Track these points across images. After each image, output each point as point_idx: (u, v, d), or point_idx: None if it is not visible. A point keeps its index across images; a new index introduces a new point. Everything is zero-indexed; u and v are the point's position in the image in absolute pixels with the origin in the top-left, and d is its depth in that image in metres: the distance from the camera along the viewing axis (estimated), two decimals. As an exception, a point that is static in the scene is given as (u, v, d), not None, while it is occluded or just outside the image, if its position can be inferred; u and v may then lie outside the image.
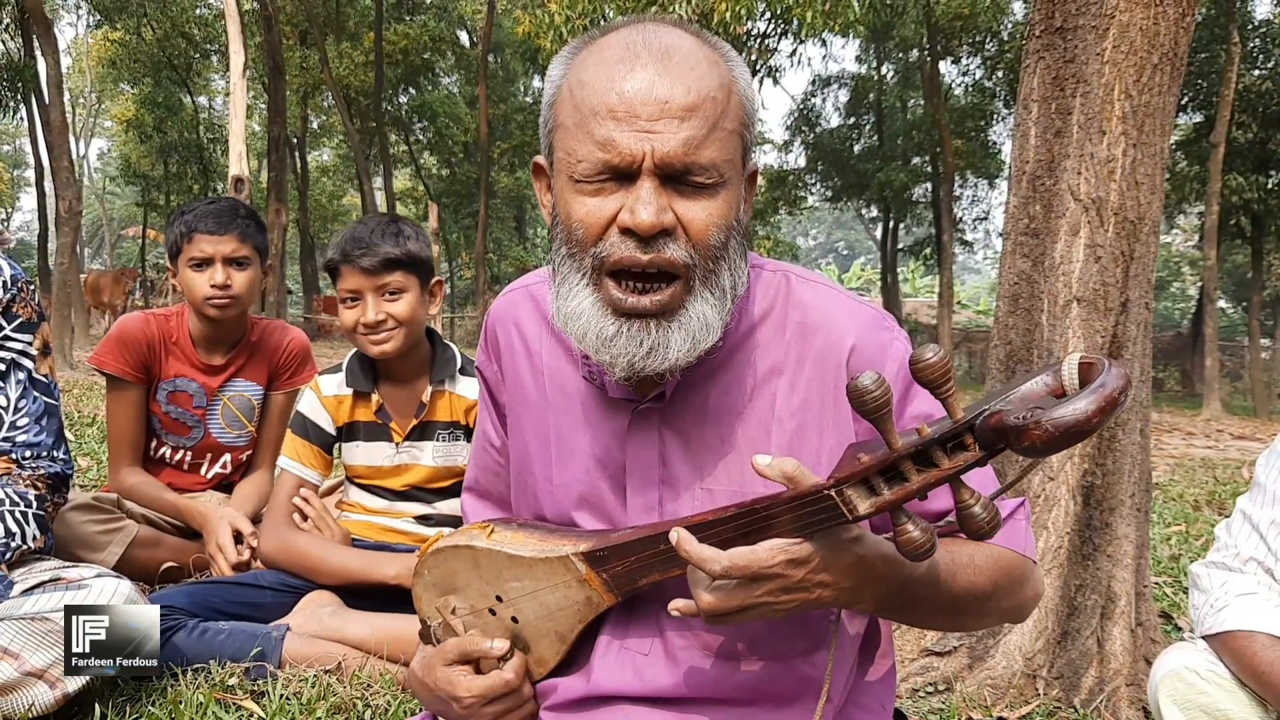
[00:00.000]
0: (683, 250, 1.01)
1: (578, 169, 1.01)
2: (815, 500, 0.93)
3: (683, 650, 1.14)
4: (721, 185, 1.02)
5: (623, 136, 0.98)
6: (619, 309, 1.02)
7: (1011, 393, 0.90)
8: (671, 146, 0.98)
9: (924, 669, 2.36)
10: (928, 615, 1.11)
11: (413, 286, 2.35)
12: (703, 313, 1.03)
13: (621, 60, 1.01)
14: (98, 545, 2.56)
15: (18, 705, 1.75)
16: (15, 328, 2.01)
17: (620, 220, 1.00)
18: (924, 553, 0.90)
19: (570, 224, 1.04)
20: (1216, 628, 1.78)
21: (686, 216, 1.01)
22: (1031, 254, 2.39)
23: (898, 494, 0.90)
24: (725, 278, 1.05)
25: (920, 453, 0.89)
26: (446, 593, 1.24)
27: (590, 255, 1.03)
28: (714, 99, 1.00)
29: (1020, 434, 0.81)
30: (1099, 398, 0.81)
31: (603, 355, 1.04)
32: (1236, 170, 18.19)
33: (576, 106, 1.02)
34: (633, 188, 0.99)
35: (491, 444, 1.35)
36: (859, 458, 0.92)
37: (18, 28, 19.60)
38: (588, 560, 1.11)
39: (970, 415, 0.87)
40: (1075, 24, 2.30)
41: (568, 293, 1.05)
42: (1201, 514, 5.21)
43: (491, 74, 29.10)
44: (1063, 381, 0.91)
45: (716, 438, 1.14)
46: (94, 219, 50.96)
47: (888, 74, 28.97)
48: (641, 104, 0.98)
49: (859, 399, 0.86)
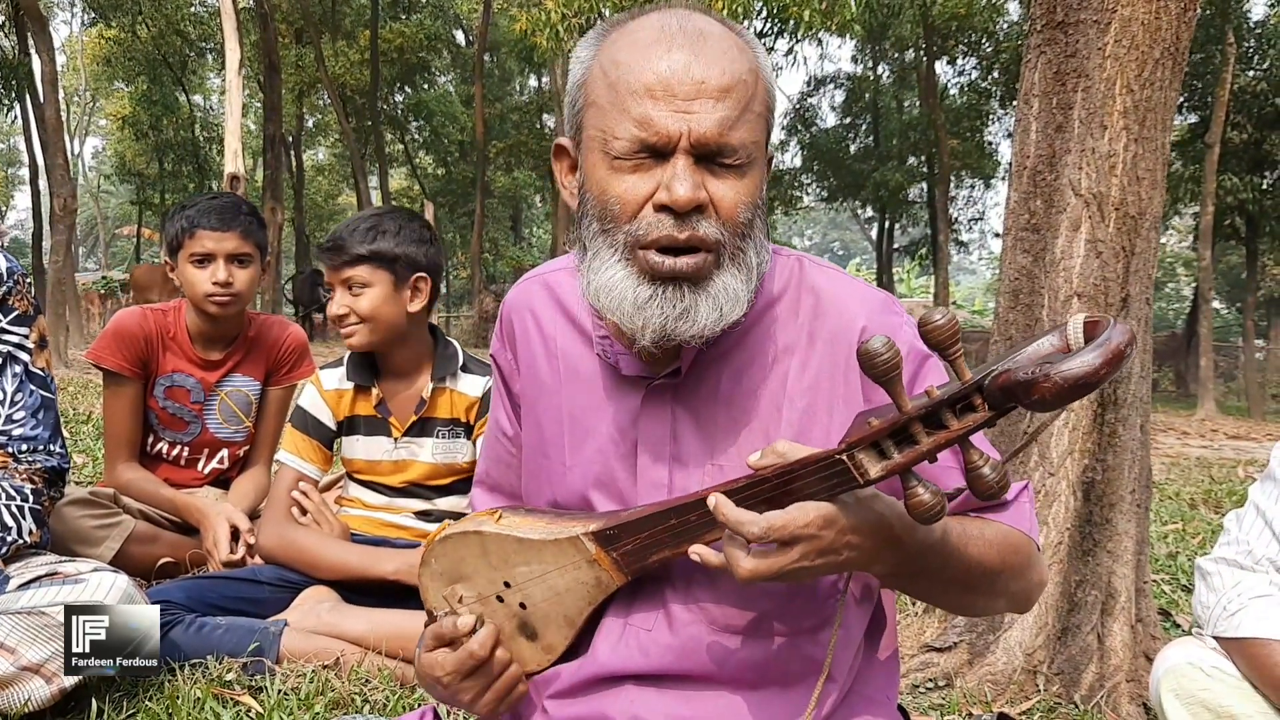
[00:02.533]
0: (714, 228, 1.03)
1: (614, 146, 1.03)
2: (827, 465, 0.94)
3: (687, 625, 1.14)
4: (749, 166, 1.05)
5: (660, 115, 1.00)
6: (656, 273, 1.04)
7: (1019, 353, 0.92)
8: (707, 126, 1.00)
9: (924, 664, 2.35)
10: (938, 587, 1.12)
11: (380, 282, 2.34)
12: (731, 285, 1.05)
13: (658, 41, 1.03)
14: (94, 540, 2.55)
15: (14, 700, 1.74)
16: (11, 320, 2.00)
17: (657, 198, 1.02)
18: (934, 514, 0.91)
19: (605, 200, 1.05)
20: (1231, 631, 1.76)
21: (718, 195, 1.03)
22: (1032, 249, 2.39)
23: (908, 456, 0.91)
24: (751, 255, 1.07)
25: (930, 415, 0.90)
26: (454, 581, 1.23)
27: (624, 232, 1.04)
28: (745, 82, 1.03)
29: (1029, 388, 0.83)
30: (1106, 350, 0.82)
31: (636, 320, 1.05)
32: (1231, 171, 18.24)
33: (612, 85, 1.04)
34: (667, 165, 1.02)
35: (504, 434, 1.36)
36: (869, 422, 0.93)
37: (12, 25, 19.53)
38: (598, 540, 1.12)
39: (979, 376, 0.88)
40: (1077, 18, 2.29)
41: (600, 266, 1.07)
42: (1198, 512, 5.22)
43: (488, 73, 29.08)
44: (1068, 340, 0.92)
45: (728, 415, 1.15)
46: (89, 217, 50.82)
47: (883, 74, 29.02)
48: (679, 83, 1.00)
49: (869, 361, 0.87)
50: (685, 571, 1.14)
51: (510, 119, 30.38)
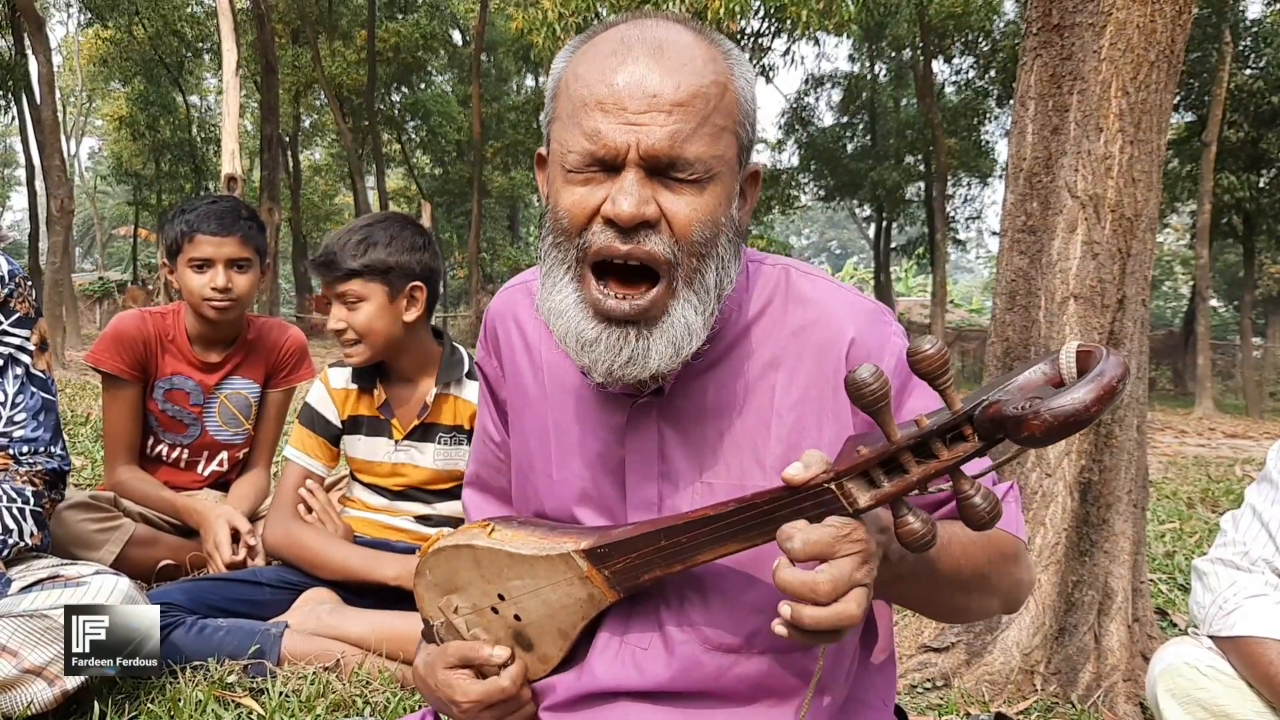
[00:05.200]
0: (665, 245, 1.01)
1: (568, 159, 1.02)
2: (815, 493, 0.94)
3: (683, 645, 1.13)
4: (709, 181, 1.02)
5: (609, 128, 0.99)
6: (598, 309, 1.03)
7: (1009, 383, 0.90)
8: (657, 139, 0.98)
9: (922, 665, 2.36)
10: (924, 590, 1.11)
11: (374, 295, 2.31)
12: (685, 317, 1.03)
13: (615, 54, 1.02)
14: (95, 544, 2.56)
15: (17, 703, 1.75)
16: (13, 323, 2.01)
17: (603, 210, 1.01)
18: (925, 543, 0.90)
19: (557, 213, 1.05)
20: (1226, 631, 1.77)
21: (671, 210, 1.01)
22: (1029, 251, 2.40)
23: (898, 486, 0.90)
24: (710, 277, 1.04)
25: (919, 444, 0.89)
26: (449, 592, 1.23)
27: (574, 246, 1.03)
28: (705, 95, 1.01)
29: (1019, 424, 0.81)
30: (1098, 386, 0.80)
31: (582, 358, 1.05)
32: (1228, 169, 18.28)
33: (570, 98, 1.04)
34: (618, 179, 1.00)
35: (492, 439, 1.35)
36: (858, 450, 0.92)
37: (9, 25, 19.50)
38: (589, 557, 1.11)
39: (969, 406, 0.87)
40: (1073, 21, 2.30)
41: (552, 285, 1.06)
42: (1195, 512, 5.23)
43: (485, 72, 29.05)
44: (1060, 371, 0.91)
45: (716, 432, 1.14)
46: (85, 218, 50.73)
47: (881, 73, 29.02)
48: (629, 97, 0.99)
49: (857, 392, 0.86)
50: (679, 591, 1.13)
51: (507, 119, 30.34)
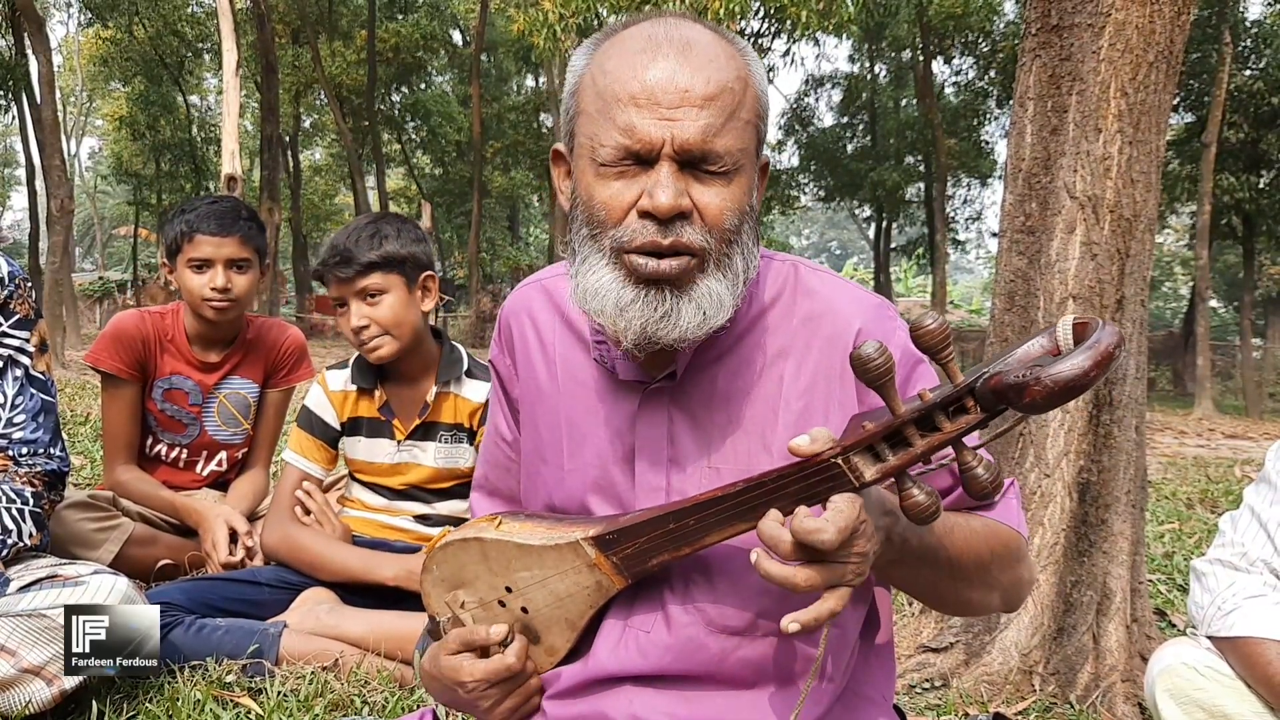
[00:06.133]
0: (698, 234, 1.05)
1: (600, 153, 1.05)
2: (822, 469, 0.95)
3: (686, 628, 1.15)
4: (736, 172, 1.06)
5: (644, 123, 1.02)
6: (639, 275, 1.05)
7: (1009, 355, 0.93)
8: (690, 133, 1.02)
9: (920, 665, 2.36)
10: (927, 576, 1.12)
11: (394, 286, 2.32)
12: (715, 290, 1.07)
13: (645, 50, 1.05)
14: (93, 543, 2.56)
15: (15, 702, 1.75)
16: (13, 324, 2.01)
17: (640, 204, 1.04)
18: (929, 515, 0.92)
19: (592, 206, 1.07)
20: (1225, 631, 1.78)
21: (702, 201, 1.05)
22: (1027, 251, 2.40)
23: (902, 459, 0.93)
24: (738, 261, 1.09)
25: (923, 418, 0.92)
26: (455, 587, 1.24)
27: (610, 237, 1.06)
28: (731, 90, 1.05)
29: (1020, 391, 0.84)
30: (1095, 352, 0.84)
31: (619, 321, 1.07)
32: (1228, 170, 18.28)
33: (600, 94, 1.06)
34: (652, 172, 1.04)
35: (503, 438, 1.37)
36: (863, 425, 0.94)
37: (9, 25, 19.51)
38: (597, 544, 1.12)
39: (970, 378, 0.90)
40: (1071, 22, 2.30)
41: (588, 270, 1.09)
42: (1194, 512, 5.23)
43: (485, 73, 29.09)
44: (1058, 341, 0.94)
45: (725, 418, 1.16)
46: (85, 218, 50.76)
47: (880, 74, 29.04)
48: (663, 92, 1.02)
49: (862, 367, 0.89)
50: (683, 574, 1.15)
51: (507, 119, 30.38)
